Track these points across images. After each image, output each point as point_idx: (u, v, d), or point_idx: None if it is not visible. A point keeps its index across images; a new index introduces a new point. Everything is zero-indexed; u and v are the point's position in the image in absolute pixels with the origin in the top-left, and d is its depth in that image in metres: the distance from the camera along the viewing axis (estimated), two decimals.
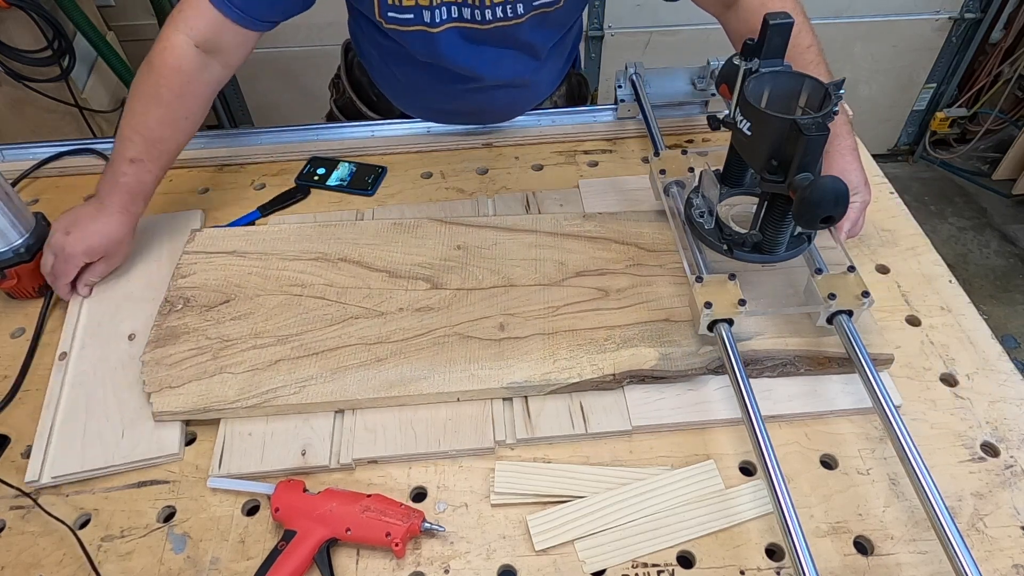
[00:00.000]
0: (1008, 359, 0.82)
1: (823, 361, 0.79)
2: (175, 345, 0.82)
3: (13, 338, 0.89)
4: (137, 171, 0.88)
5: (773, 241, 0.79)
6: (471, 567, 0.67)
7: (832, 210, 0.66)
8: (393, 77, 1.12)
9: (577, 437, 0.76)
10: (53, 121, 1.86)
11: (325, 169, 1.09)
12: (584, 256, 0.90)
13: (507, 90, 1.08)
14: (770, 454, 0.65)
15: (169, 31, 0.87)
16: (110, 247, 0.88)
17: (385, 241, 0.93)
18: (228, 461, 0.74)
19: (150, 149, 0.88)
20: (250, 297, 0.87)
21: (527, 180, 1.07)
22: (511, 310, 0.84)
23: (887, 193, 1.03)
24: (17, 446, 0.77)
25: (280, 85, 2.40)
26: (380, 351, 0.80)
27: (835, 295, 0.76)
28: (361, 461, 0.74)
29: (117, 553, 0.69)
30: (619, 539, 0.68)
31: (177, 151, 0.92)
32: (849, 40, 2.38)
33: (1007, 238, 2.47)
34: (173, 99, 0.88)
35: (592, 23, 2.29)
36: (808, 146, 0.67)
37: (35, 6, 1.65)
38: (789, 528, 0.60)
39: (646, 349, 0.79)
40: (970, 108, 2.62)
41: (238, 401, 0.76)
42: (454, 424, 0.76)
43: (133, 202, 0.89)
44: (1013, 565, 0.65)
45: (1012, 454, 0.73)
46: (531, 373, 0.78)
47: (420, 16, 0.92)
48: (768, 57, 0.73)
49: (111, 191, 0.88)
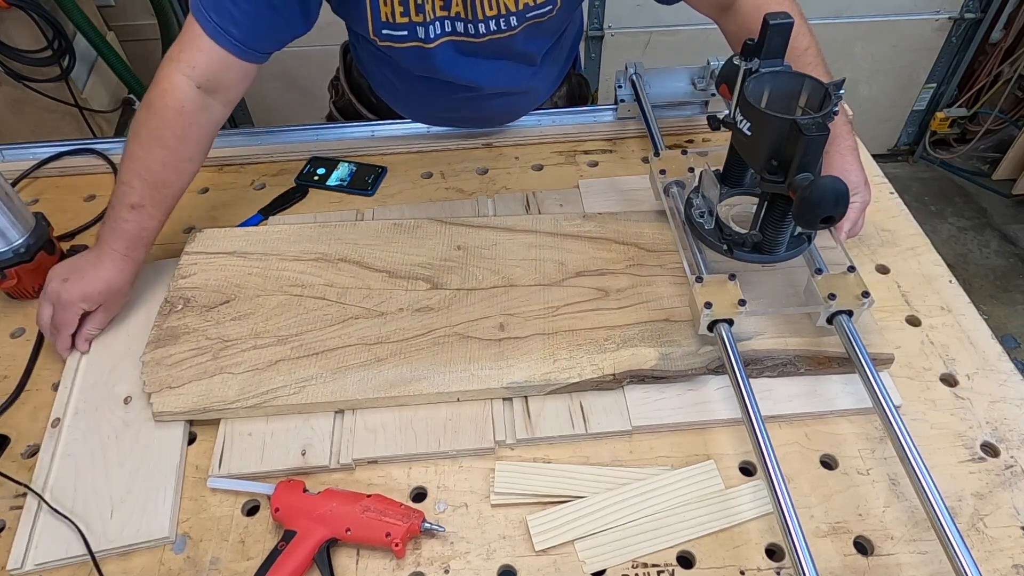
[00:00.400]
0: (1008, 359, 0.82)
1: (823, 361, 0.79)
2: (175, 345, 0.82)
3: (13, 338, 0.89)
4: (139, 217, 0.84)
5: (773, 241, 0.79)
6: (471, 567, 0.67)
7: (832, 210, 0.66)
8: (392, 86, 1.12)
9: (577, 437, 0.76)
10: (53, 121, 1.86)
11: (325, 169, 1.09)
12: (584, 256, 0.90)
13: (506, 98, 1.08)
14: (770, 454, 0.65)
15: (169, 71, 0.84)
16: (108, 294, 0.84)
17: (385, 241, 0.93)
18: (228, 461, 0.74)
19: (153, 194, 0.85)
20: (250, 297, 0.87)
21: (527, 180, 1.07)
22: (511, 310, 0.84)
23: (887, 193, 1.03)
24: (17, 446, 0.77)
25: (280, 85, 2.40)
26: (380, 351, 0.80)
27: (835, 295, 0.76)
28: (361, 461, 0.74)
29: (117, 553, 0.69)
30: (619, 539, 0.68)
31: (179, 194, 0.89)
32: (849, 40, 2.38)
33: (1007, 238, 2.47)
34: (176, 142, 0.85)
35: (592, 23, 2.29)
36: (808, 146, 0.67)
37: (35, 6, 1.65)
38: (789, 528, 0.60)
39: (646, 349, 0.79)
40: (970, 108, 2.62)
41: (238, 401, 0.76)
42: (454, 424, 0.76)
43: (134, 248, 0.85)
44: (1013, 565, 0.65)
45: (1012, 454, 0.73)
46: (531, 373, 0.78)
47: (415, 32, 0.92)
48: (768, 57, 0.73)
49: (112, 238, 0.84)
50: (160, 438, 0.76)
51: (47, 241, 0.91)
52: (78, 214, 1.04)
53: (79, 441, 0.76)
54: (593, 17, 2.28)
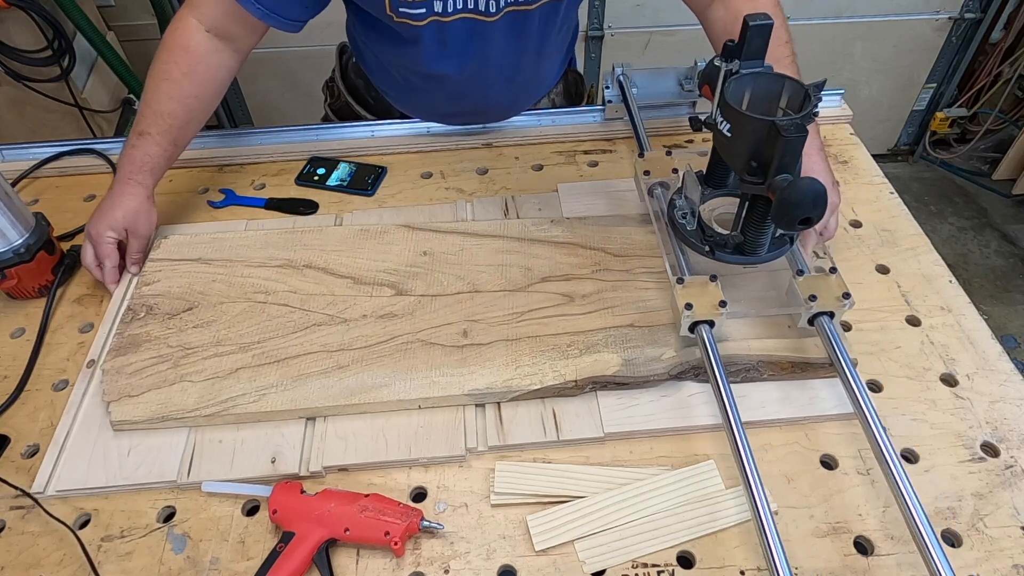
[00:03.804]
0: (1008, 359, 0.82)
1: (786, 367, 0.78)
2: (136, 354, 0.81)
3: (13, 338, 0.89)
4: (144, 143, 0.91)
5: (754, 242, 0.78)
6: (471, 567, 0.67)
7: (811, 211, 0.66)
8: (392, 79, 1.12)
9: (549, 444, 0.75)
10: (53, 121, 1.86)
11: (325, 169, 1.09)
12: (551, 262, 0.89)
13: (508, 85, 1.08)
14: (748, 457, 0.65)
15: (183, 13, 0.92)
16: (128, 218, 0.90)
17: (351, 247, 0.92)
18: (197, 468, 0.73)
19: (157, 122, 0.91)
20: (213, 304, 0.86)
21: (527, 180, 1.07)
22: (475, 316, 0.83)
23: (887, 193, 1.03)
24: (17, 446, 0.77)
25: (280, 85, 2.40)
26: (342, 358, 0.80)
27: (816, 296, 0.75)
28: (331, 469, 0.74)
29: (117, 553, 0.69)
30: (619, 539, 0.68)
31: (185, 130, 0.94)
32: (849, 40, 2.38)
33: (1007, 238, 2.47)
34: (181, 76, 0.91)
35: (592, 23, 2.29)
36: (787, 147, 0.67)
37: (35, 6, 1.65)
38: (767, 535, 0.60)
39: (609, 355, 0.79)
40: (970, 108, 2.62)
41: (197, 410, 0.76)
42: (425, 431, 0.75)
43: (139, 173, 0.91)
44: (1013, 565, 0.65)
45: (1012, 454, 0.73)
46: (493, 380, 0.77)
47: (432, 7, 0.93)
48: (748, 58, 0.73)
49: (122, 166, 0.92)
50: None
51: (47, 241, 0.91)
52: (78, 214, 1.04)
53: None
54: (593, 17, 2.28)
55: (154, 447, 0.75)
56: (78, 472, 0.74)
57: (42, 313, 0.89)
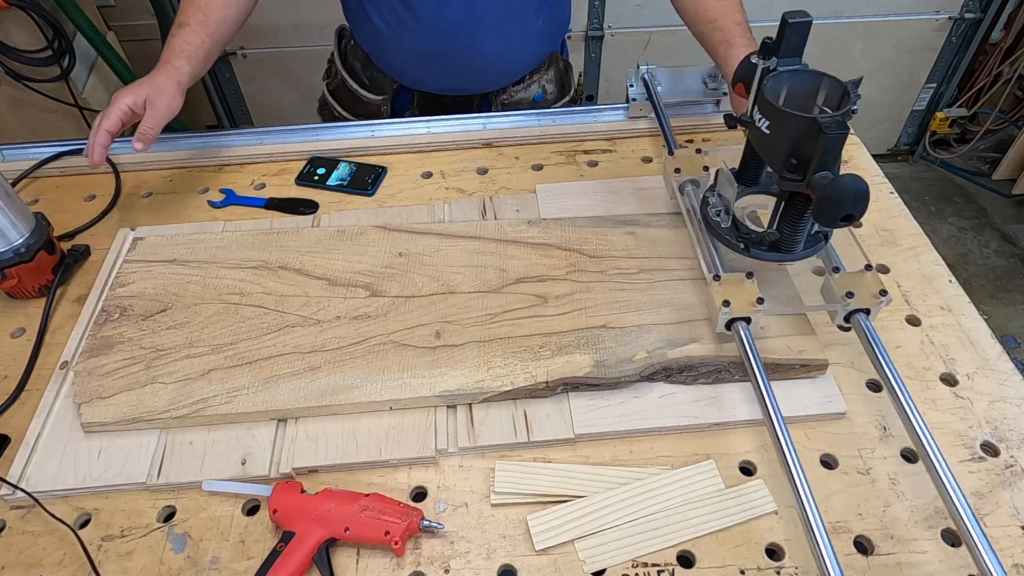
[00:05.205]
0: (1008, 359, 0.82)
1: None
2: (108, 355, 0.81)
3: (13, 338, 0.89)
4: (183, 33, 0.98)
5: (791, 240, 0.78)
6: (471, 567, 0.67)
7: (852, 208, 0.66)
8: (376, 30, 1.13)
9: (519, 446, 0.75)
10: (53, 121, 1.86)
11: (325, 169, 1.09)
12: (526, 263, 0.89)
13: (496, 29, 1.10)
14: (792, 453, 0.65)
15: None
16: (152, 91, 0.93)
17: (327, 249, 0.92)
18: (167, 470, 0.73)
19: (196, 14, 0.99)
20: (187, 306, 0.86)
21: (527, 180, 1.07)
22: (449, 317, 0.83)
23: (887, 193, 1.03)
24: (17, 446, 0.77)
25: (280, 85, 2.40)
26: (314, 360, 0.79)
27: (852, 293, 0.76)
28: (301, 470, 0.73)
29: (117, 553, 0.69)
30: (619, 539, 0.68)
31: (224, 24, 1.01)
32: (849, 40, 2.38)
33: (1007, 238, 2.47)
34: None
35: (592, 23, 2.30)
36: (828, 144, 0.67)
37: (35, 6, 1.65)
38: (812, 527, 0.61)
39: (581, 356, 0.79)
40: (970, 108, 2.62)
41: (168, 411, 0.75)
42: (396, 433, 0.75)
43: (176, 57, 0.96)
44: (1013, 565, 0.65)
45: (1012, 454, 0.73)
46: (464, 381, 0.77)
47: None
48: (786, 56, 0.73)
49: (162, 54, 0.97)
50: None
51: (47, 241, 0.91)
52: (78, 214, 1.04)
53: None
54: (593, 17, 2.28)
55: (124, 449, 0.75)
56: (47, 473, 0.73)
57: (42, 313, 0.89)
